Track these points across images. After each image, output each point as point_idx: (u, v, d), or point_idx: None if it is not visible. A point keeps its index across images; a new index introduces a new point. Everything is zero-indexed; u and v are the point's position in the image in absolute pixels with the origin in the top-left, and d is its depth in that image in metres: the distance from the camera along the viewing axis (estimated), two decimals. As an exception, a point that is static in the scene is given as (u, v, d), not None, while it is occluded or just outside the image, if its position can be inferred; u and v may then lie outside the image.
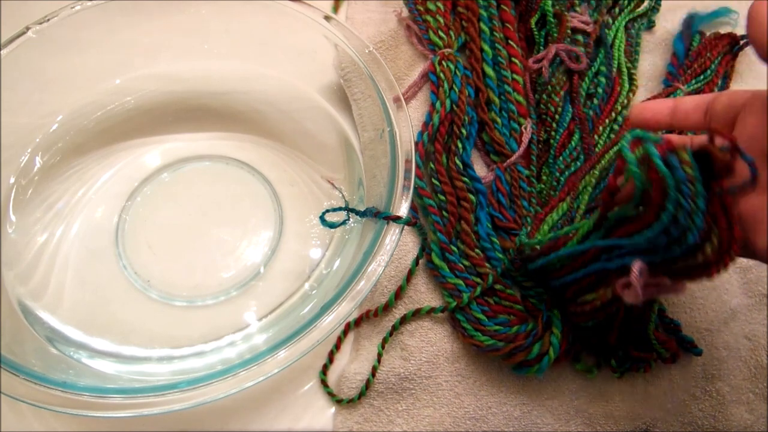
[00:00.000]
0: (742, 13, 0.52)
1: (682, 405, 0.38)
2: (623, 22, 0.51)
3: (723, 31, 0.51)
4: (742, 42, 0.48)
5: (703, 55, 0.47)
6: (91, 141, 0.47)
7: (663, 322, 0.40)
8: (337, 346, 0.40)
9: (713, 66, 0.46)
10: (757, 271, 0.41)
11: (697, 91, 0.45)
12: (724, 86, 0.47)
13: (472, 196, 0.43)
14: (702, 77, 0.45)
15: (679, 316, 0.40)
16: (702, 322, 0.40)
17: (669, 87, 0.46)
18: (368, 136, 0.45)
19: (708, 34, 0.49)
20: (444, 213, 0.43)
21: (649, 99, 0.44)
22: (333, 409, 0.39)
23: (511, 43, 0.48)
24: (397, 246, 0.37)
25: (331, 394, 0.39)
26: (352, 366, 0.40)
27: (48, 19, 0.44)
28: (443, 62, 0.47)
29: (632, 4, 0.52)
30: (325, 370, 0.40)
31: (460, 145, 0.45)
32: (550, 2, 0.49)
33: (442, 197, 0.43)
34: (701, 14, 0.51)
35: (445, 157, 0.44)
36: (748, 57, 0.49)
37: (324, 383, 0.39)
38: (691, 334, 0.39)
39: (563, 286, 0.36)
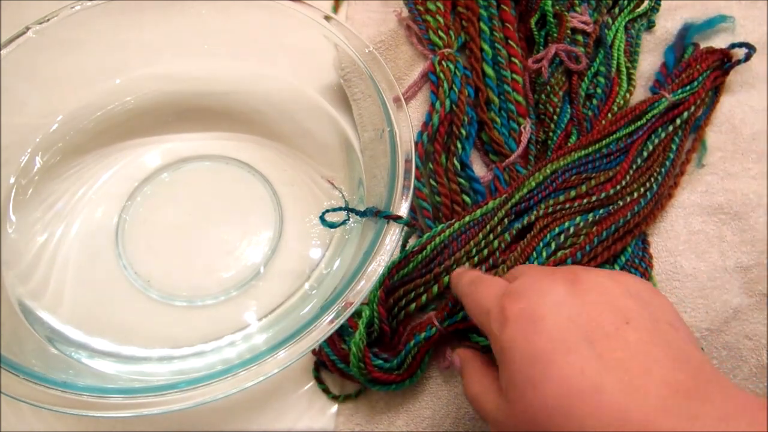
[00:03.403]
0: (739, 16, 0.52)
1: (682, 405, 0.38)
2: (623, 22, 0.51)
3: (721, 37, 0.51)
4: (733, 60, 0.48)
5: (693, 67, 0.47)
6: (91, 141, 0.47)
7: (663, 322, 0.40)
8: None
9: (701, 78, 0.46)
10: (757, 271, 0.41)
11: (682, 101, 0.45)
12: (714, 101, 0.47)
13: (467, 198, 0.43)
14: (688, 88, 0.46)
15: (680, 315, 0.40)
16: (702, 321, 0.40)
17: (655, 94, 0.46)
18: (368, 136, 0.45)
19: (702, 47, 0.49)
20: (439, 214, 0.43)
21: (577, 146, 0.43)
22: (334, 409, 0.39)
23: (511, 43, 0.48)
24: (397, 246, 0.37)
25: (326, 390, 0.39)
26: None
27: (48, 19, 0.44)
28: (443, 62, 0.47)
29: (632, 4, 0.52)
30: (317, 367, 0.40)
31: (459, 146, 0.45)
32: (550, 2, 0.49)
33: (438, 198, 0.43)
34: (697, 24, 0.51)
35: (444, 157, 0.44)
36: (741, 75, 0.49)
37: (318, 380, 0.39)
38: (691, 333, 0.39)
39: None
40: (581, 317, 0.24)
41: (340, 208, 0.41)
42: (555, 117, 0.46)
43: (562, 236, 0.40)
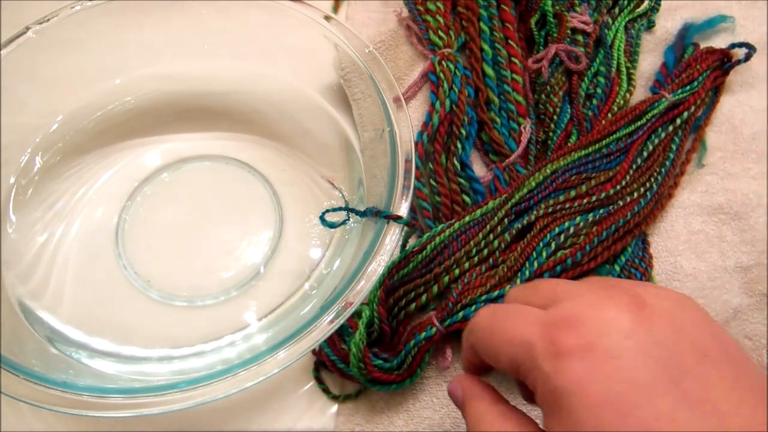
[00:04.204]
0: (739, 16, 0.52)
1: (682, 405, 0.38)
2: (623, 22, 0.51)
3: (721, 37, 0.51)
4: (733, 60, 0.48)
5: (693, 67, 0.47)
6: (91, 141, 0.47)
7: (663, 322, 0.40)
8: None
9: (701, 78, 0.46)
10: (757, 271, 0.41)
11: (682, 101, 0.45)
12: (714, 101, 0.48)
13: (467, 198, 0.43)
14: (688, 88, 0.46)
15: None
16: (702, 321, 0.40)
17: (655, 94, 0.46)
18: (368, 136, 0.45)
19: (702, 47, 0.49)
20: (439, 214, 0.43)
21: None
22: (334, 409, 0.39)
23: (511, 43, 0.48)
24: (397, 246, 0.37)
25: (326, 390, 0.39)
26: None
27: (48, 19, 0.44)
28: (443, 62, 0.47)
29: (632, 4, 0.52)
30: (317, 367, 0.40)
31: (459, 146, 0.45)
32: (550, 2, 0.49)
33: (438, 198, 0.43)
34: (697, 24, 0.51)
35: (444, 157, 0.44)
36: (741, 75, 0.49)
37: (318, 380, 0.39)
38: (691, 333, 0.39)
39: None
40: (657, 351, 0.20)
41: (340, 208, 0.41)
42: (555, 117, 0.46)
43: (562, 236, 0.40)
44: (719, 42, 0.50)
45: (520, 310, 0.24)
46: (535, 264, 0.39)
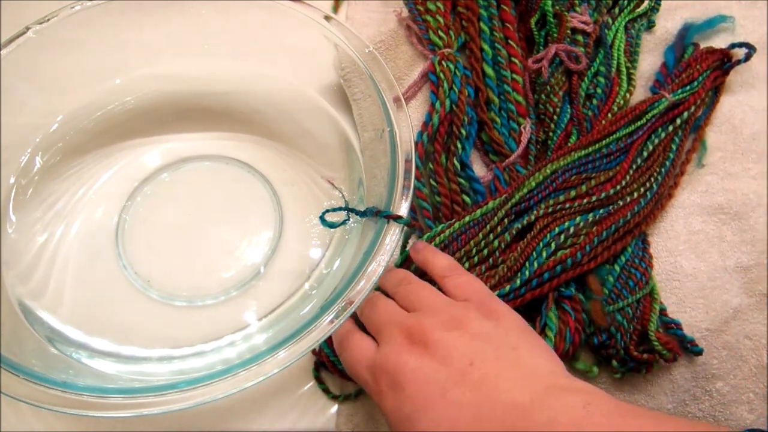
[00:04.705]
0: (739, 16, 0.52)
1: (682, 405, 0.38)
2: (623, 22, 0.51)
3: (721, 37, 0.51)
4: (733, 60, 0.48)
5: (693, 67, 0.47)
6: (91, 141, 0.47)
7: (663, 322, 0.40)
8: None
9: (701, 78, 0.46)
10: (757, 271, 0.41)
11: (682, 101, 0.45)
12: (714, 101, 0.48)
13: (467, 198, 0.43)
14: (688, 88, 0.46)
15: (680, 315, 0.40)
16: (702, 321, 0.40)
17: (655, 94, 0.46)
18: (368, 136, 0.45)
19: (702, 47, 0.49)
20: (439, 214, 0.43)
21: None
22: (334, 409, 0.39)
23: (511, 43, 0.48)
24: (397, 246, 0.37)
25: (326, 390, 0.39)
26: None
27: (48, 19, 0.44)
28: (443, 62, 0.47)
29: (632, 4, 0.52)
30: (317, 367, 0.40)
31: (459, 146, 0.45)
32: (550, 2, 0.49)
33: (438, 198, 0.43)
34: (697, 24, 0.51)
35: (444, 157, 0.44)
36: (741, 75, 0.49)
37: (318, 380, 0.39)
38: (691, 333, 0.39)
39: None
40: (433, 375, 0.29)
41: (340, 208, 0.41)
42: (555, 117, 0.46)
43: (562, 236, 0.40)
44: (719, 42, 0.50)
45: (359, 346, 0.33)
46: (535, 264, 0.39)
